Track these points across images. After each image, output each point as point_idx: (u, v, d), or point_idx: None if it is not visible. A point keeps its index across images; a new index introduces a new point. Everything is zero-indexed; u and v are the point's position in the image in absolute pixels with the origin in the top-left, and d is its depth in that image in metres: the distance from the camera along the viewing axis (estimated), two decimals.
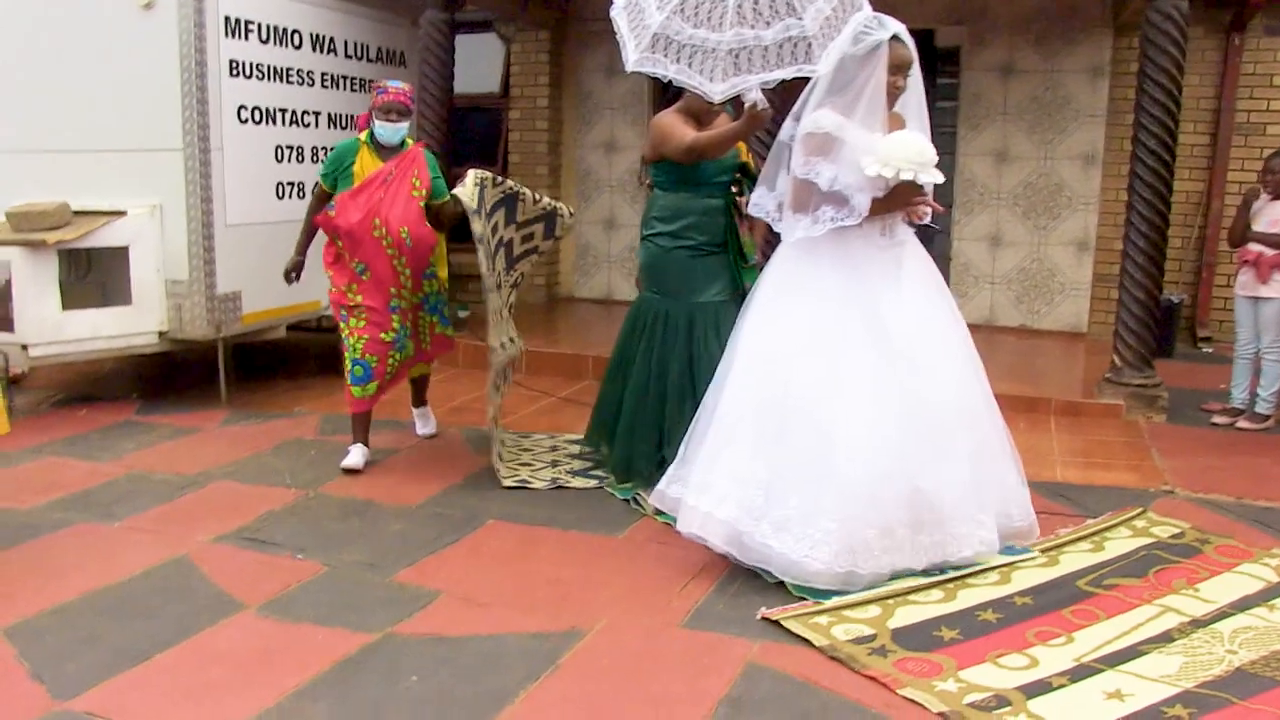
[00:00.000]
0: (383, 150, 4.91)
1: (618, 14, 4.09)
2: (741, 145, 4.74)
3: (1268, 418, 5.91)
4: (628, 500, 4.54)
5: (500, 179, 4.84)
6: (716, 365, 4.02)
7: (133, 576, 3.73)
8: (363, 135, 4.95)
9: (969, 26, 8.35)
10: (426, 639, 3.26)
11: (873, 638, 3.26)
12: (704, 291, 4.63)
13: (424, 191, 4.85)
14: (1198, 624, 3.35)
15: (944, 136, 8.02)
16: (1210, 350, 8.09)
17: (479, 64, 9.43)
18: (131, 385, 6.69)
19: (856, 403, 3.61)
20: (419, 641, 3.25)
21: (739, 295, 4.52)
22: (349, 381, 4.92)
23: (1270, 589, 3.63)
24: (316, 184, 5.06)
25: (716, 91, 3.93)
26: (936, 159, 3.67)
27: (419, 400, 5.56)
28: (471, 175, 4.66)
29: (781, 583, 3.64)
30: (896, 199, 3.71)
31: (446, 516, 4.35)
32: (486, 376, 4.91)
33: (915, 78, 3.83)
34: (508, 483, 4.72)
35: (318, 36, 6.89)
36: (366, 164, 4.86)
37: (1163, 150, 5.92)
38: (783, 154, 3.89)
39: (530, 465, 5.03)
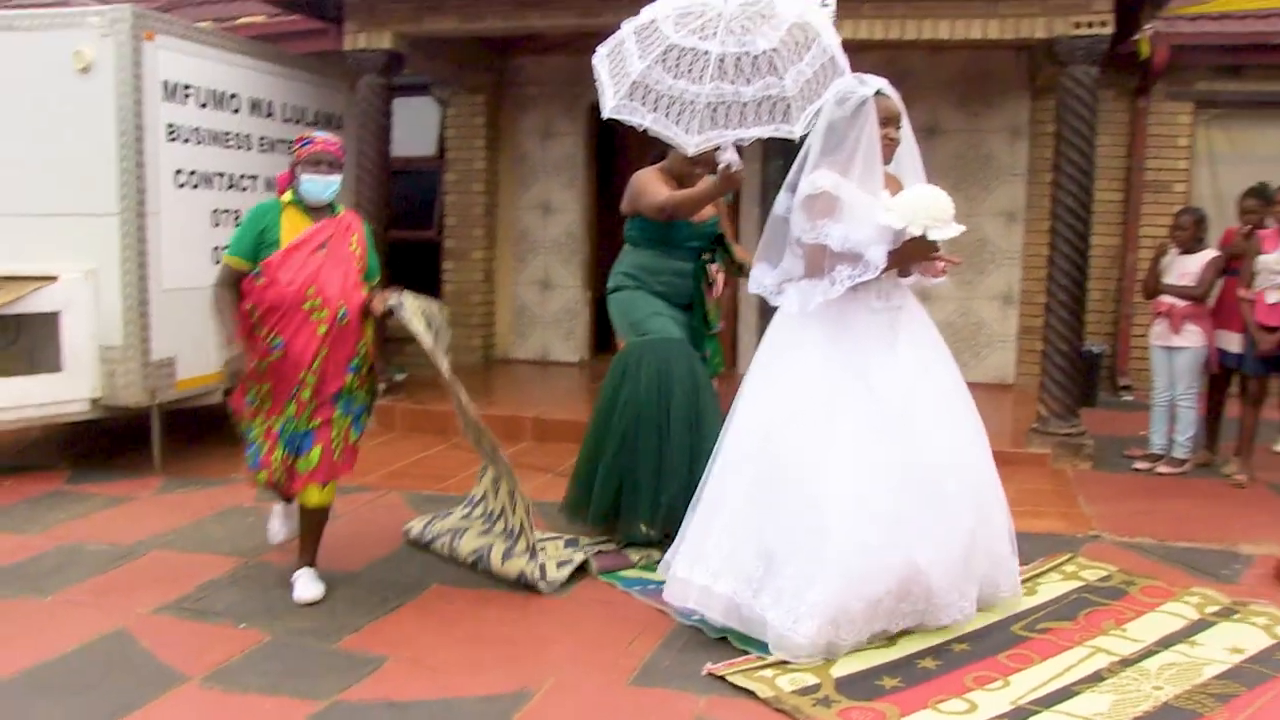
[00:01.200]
0: (311, 212, 4.14)
1: (600, 61, 4.04)
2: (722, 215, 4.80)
3: (1185, 461, 6.13)
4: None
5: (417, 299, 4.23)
6: (681, 405, 4.15)
7: (68, 652, 3.65)
8: (285, 197, 4.16)
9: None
10: (376, 704, 3.26)
11: (817, 688, 3.32)
12: (675, 331, 4.57)
13: (362, 265, 4.16)
14: (1126, 663, 3.48)
15: None
16: (1131, 398, 8.36)
17: (414, 127, 9.51)
18: (60, 454, 6.58)
19: (850, 474, 3.55)
20: (368, 707, 3.24)
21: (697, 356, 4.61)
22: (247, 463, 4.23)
23: (1192, 626, 3.79)
24: (224, 266, 4.12)
25: (691, 144, 3.92)
26: (951, 210, 3.62)
27: (307, 556, 4.24)
28: (412, 307, 4.13)
29: (725, 637, 3.69)
30: (908, 254, 3.67)
31: (390, 581, 4.34)
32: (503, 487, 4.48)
33: (907, 131, 3.81)
34: (562, 574, 4.30)
35: (256, 100, 6.94)
36: (296, 225, 4.08)
37: (1080, 208, 6.19)
38: (780, 229, 3.83)
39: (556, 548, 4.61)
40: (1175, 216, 6.30)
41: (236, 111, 6.78)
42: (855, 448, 3.58)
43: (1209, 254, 6.05)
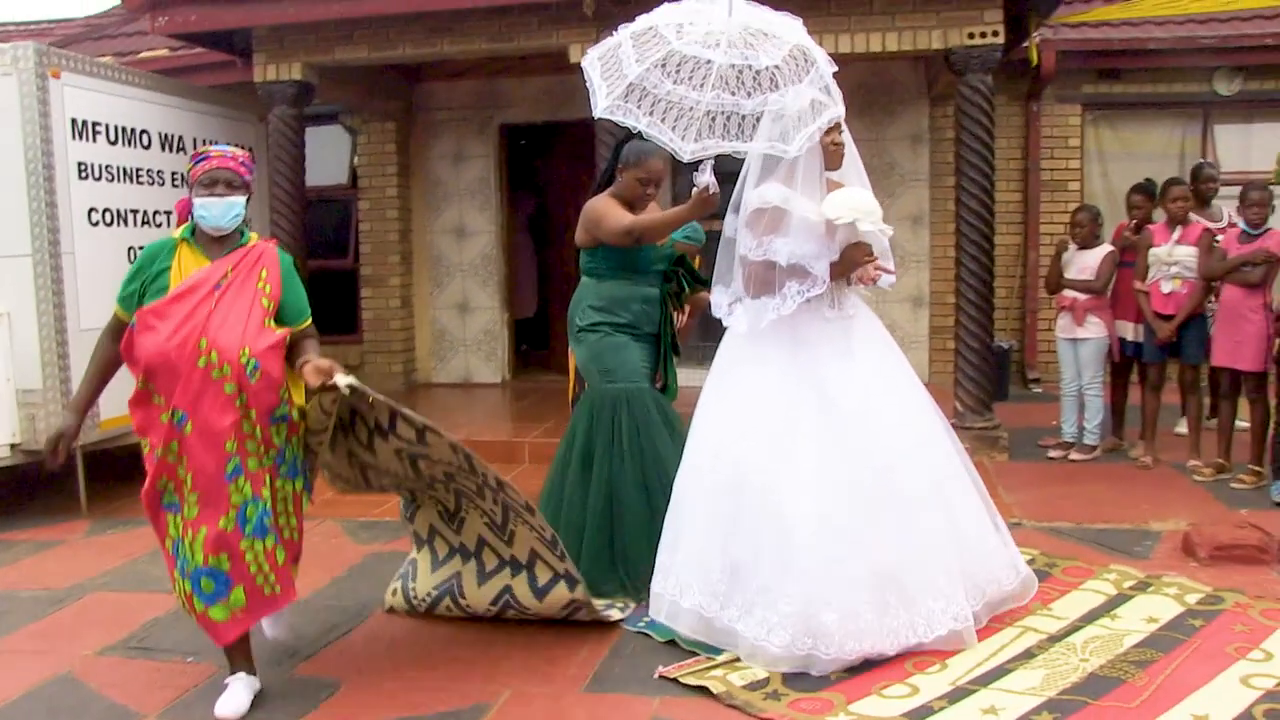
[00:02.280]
0: (212, 246, 3.40)
1: (590, 64, 3.91)
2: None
3: (1095, 448, 6.42)
4: None
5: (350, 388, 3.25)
6: (673, 456, 4.00)
7: (15, 699, 3.60)
8: (178, 231, 3.44)
9: None
10: None
11: (766, 682, 3.44)
12: (646, 377, 4.39)
13: (274, 305, 3.41)
14: (1054, 639, 3.68)
15: None
16: (1040, 390, 8.71)
17: (326, 156, 9.46)
18: None
19: (809, 483, 3.55)
20: None
21: (661, 388, 4.47)
22: (197, 607, 3.30)
23: (1111, 600, 4.03)
24: (112, 314, 3.46)
25: (687, 150, 3.79)
26: (880, 211, 3.67)
27: None
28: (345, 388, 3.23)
29: (673, 641, 3.79)
30: (847, 261, 3.69)
31: (337, 607, 4.35)
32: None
33: (847, 136, 3.81)
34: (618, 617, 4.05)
35: (166, 136, 6.89)
36: (187, 266, 3.36)
37: (983, 210, 6.46)
38: (730, 250, 3.82)
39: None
40: (1072, 214, 6.61)
41: (147, 147, 6.72)
42: (815, 459, 3.58)
43: (1105, 249, 6.35)
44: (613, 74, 3.84)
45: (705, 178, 3.83)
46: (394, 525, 5.46)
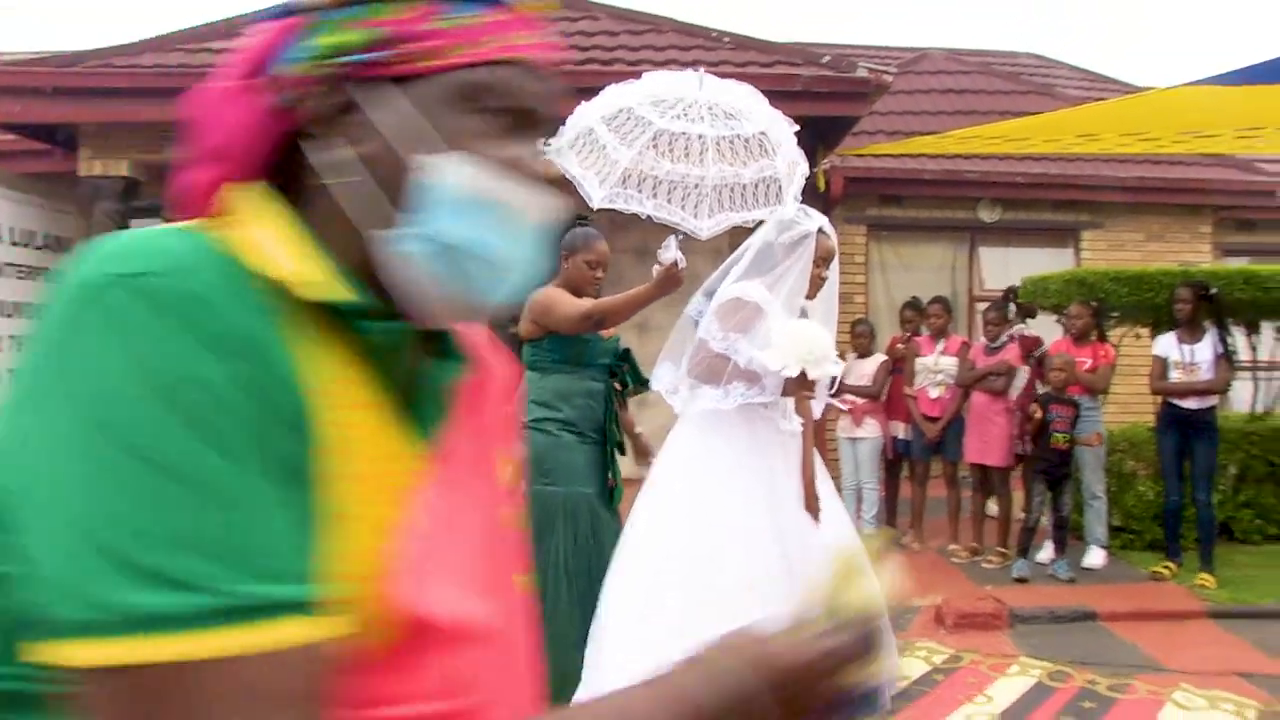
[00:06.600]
0: None
1: (562, 156, 3.68)
2: None
3: None
4: None
5: None
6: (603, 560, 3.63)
7: None
8: None
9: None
10: None
11: None
12: (589, 483, 3.98)
13: None
14: None
15: None
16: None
17: None
18: None
19: (759, 603, 3.15)
20: None
21: (608, 490, 4.03)
22: None
23: None
24: None
25: (703, 228, 3.67)
26: (832, 350, 3.54)
27: None
28: None
29: None
30: (791, 387, 3.53)
31: None
32: None
33: (833, 270, 3.78)
34: None
35: None
36: None
37: None
38: (688, 330, 3.75)
39: None
40: (852, 326, 7.36)
41: None
42: (766, 577, 3.40)
43: (880, 358, 7.11)
44: (598, 162, 3.68)
45: (671, 253, 3.57)
46: None
